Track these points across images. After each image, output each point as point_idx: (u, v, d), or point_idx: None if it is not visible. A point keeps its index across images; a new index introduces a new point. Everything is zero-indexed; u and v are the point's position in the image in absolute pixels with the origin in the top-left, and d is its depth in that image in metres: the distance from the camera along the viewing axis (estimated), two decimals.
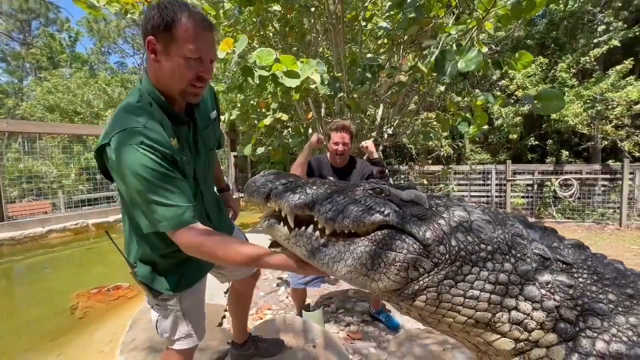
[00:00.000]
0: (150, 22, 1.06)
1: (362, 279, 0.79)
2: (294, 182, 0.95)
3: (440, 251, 0.75)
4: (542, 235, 0.81)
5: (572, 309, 0.73)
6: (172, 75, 1.10)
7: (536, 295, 0.73)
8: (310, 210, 0.87)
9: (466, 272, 0.75)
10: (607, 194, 7.89)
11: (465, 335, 0.81)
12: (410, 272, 0.76)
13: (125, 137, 1.04)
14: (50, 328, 3.27)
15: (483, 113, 3.48)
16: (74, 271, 5.16)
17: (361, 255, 0.79)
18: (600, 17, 8.68)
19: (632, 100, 7.64)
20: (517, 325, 0.74)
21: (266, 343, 2.09)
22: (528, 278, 0.74)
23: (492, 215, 0.82)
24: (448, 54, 2.49)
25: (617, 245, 6.14)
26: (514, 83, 8.75)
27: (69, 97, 11.95)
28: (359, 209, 0.82)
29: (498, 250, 0.76)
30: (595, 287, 0.75)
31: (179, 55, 1.07)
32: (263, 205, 0.97)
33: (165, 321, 1.38)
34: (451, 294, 0.75)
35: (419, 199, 0.84)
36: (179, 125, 1.22)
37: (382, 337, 2.70)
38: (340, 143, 2.48)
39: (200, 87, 1.15)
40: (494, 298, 0.74)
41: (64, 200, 7.63)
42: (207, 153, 1.38)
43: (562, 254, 0.78)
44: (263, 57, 2.78)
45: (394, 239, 0.77)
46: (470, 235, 0.77)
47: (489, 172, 8.67)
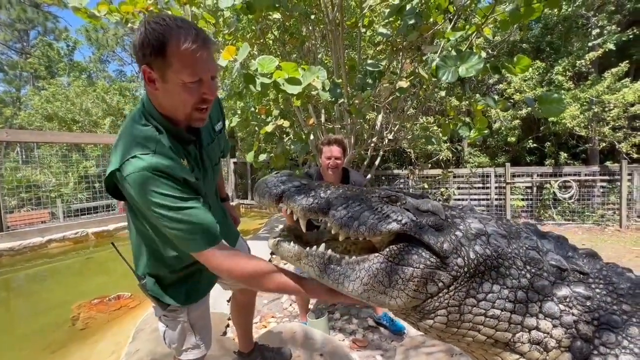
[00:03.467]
0: (140, 49, 0.99)
1: (379, 297, 0.77)
2: (307, 185, 0.92)
3: (458, 264, 0.74)
4: (557, 245, 0.81)
5: (589, 324, 0.72)
6: (173, 103, 1.06)
7: (555, 311, 0.72)
8: (324, 215, 0.84)
9: (486, 289, 0.74)
10: (606, 196, 7.92)
11: (483, 353, 0.79)
12: (429, 287, 0.74)
13: (135, 164, 1.00)
14: (51, 340, 3.23)
15: (483, 117, 3.50)
16: (74, 281, 5.11)
17: (377, 273, 0.77)
18: (594, 20, 8.79)
19: (628, 102, 7.71)
20: (537, 345, 0.73)
21: (272, 352, 2.07)
22: (546, 294, 0.73)
23: (506, 227, 0.81)
24: (449, 60, 2.51)
25: (618, 247, 6.14)
26: (511, 87, 8.81)
27: (68, 105, 11.94)
28: (375, 217, 0.80)
29: (514, 266, 0.75)
30: (610, 297, 0.74)
31: (177, 81, 1.00)
32: (274, 207, 0.94)
33: (173, 332, 1.37)
34: (473, 313, 0.74)
35: (435, 209, 0.82)
36: (186, 145, 1.19)
37: (387, 345, 2.68)
38: (333, 157, 2.47)
39: (205, 110, 1.10)
40: (515, 318, 0.73)
41: (63, 209, 7.58)
42: (212, 167, 1.36)
43: (578, 263, 0.77)
44: (265, 65, 2.80)
45: (410, 253, 0.76)
46: (488, 248, 0.76)
47: (488, 175, 8.69)
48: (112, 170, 1.04)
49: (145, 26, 0.98)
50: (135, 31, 1.05)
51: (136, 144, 1.04)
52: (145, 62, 1.00)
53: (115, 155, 1.06)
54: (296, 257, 0.90)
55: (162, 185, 0.99)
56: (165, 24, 0.97)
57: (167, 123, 1.11)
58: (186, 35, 0.97)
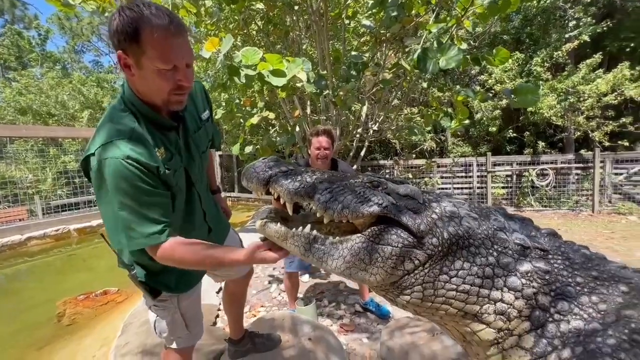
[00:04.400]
0: (115, 35, 0.99)
1: (360, 274, 0.83)
2: (294, 170, 0.96)
3: (433, 243, 0.81)
4: (522, 225, 0.89)
5: (547, 295, 0.80)
6: (150, 88, 1.07)
7: (518, 285, 0.80)
8: (310, 199, 0.88)
9: (458, 267, 0.81)
10: (581, 182, 8.29)
11: (455, 324, 0.87)
12: (406, 265, 0.81)
13: (110, 150, 1.01)
14: (37, 337, 3.20)
15: (464, 108, 3.60)
16: (57, 278, 5.02)
17: (359, 251, 0.83)
18: (571, 12, 9.04)
19: (602, 92, 8.04)
20: (501, 315, 0.80)
21: (262, 338, 2.13)
22: (510, 270, 0.81)
23: (477, 209, 0.88)
24: (430, 52, 2.57)
25: (590, 231, 6.48)
26: (492, 78, 9.02)
27: (42, 98, 11.43)
28: (357, 200, 0.84)
29: (483, 245, 0.82)
30: (566, 271, 0.82)
31: (152, 68, 1.01)
32: (261, 191, 0.97)
33: (163, 321, 1.40)
34: (446, 288, 0.81)
35: (413, 194, 0.88)
36: (166, 132, 1.19)
37: (374, 328, 2.79)
38: (322, 148, 2.52)
39: (183, 95, 1.12)
40: (483, 292, 0.80)
41: (42, 206, 7.35)
42: (200, 155, 1.36)
43: (540, 241, 0.85)
44: (249, 57, 2.79)
45: (389, 233, 0.82)
46: (460, 229, 0.83)
47: (470, 165, 8.94)
48: (87, 155, 1.05)
49: (119, 12, 0.99)
50: (110, 18, 1.05)
51: (112, 130, 1.06)
52: (120, 48, 1.01)
53: (93, 141, 1.07)
54: (282, 237, 0.93)
55: (132, 175, 1.01)
56: (139, 11, 0.97)
57: (146, 109, 1.12)
58: (160, 22, 0.98)
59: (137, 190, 1.02)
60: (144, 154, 1.04)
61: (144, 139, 1.08)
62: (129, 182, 1.00)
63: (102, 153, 1.01)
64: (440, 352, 2.06)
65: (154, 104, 1.12)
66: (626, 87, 7.93)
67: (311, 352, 2.13)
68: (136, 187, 1.01)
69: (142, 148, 1.05)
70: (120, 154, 1.00)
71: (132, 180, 1.01)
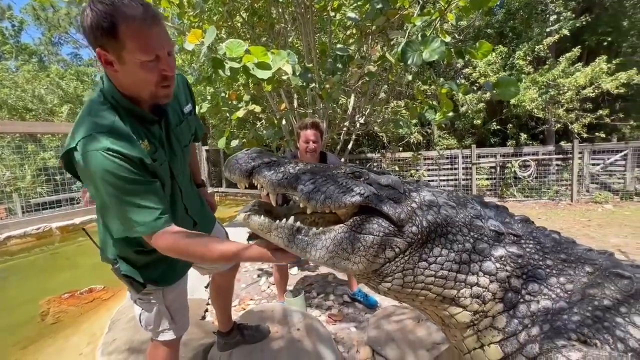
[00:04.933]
0: (91, 31, 0.95)
1: (343, 263, 0.85)
2: (277, 161, 0.97)
3: (413, 232, 0.84)
4: (497, 212, 0.93)
5: (519, 277, 0.85)
6: (135, 82, 1.05)
7: (492, 269, 0.84)
8: (293, 190, 0.89)
9: (437, 253, 0.84)
10: (561, 173, 8.59)
11: (434, 309, 0.91)
12: (387, 253, 0.84)
13: (91, 143, 1.00)
14: (21, 336, 3.13)
15: (448, 101, 3.66)
16: (40, 277, 4.90)
17: (341, 241, 0.85)
18: (552, 7, 9.24)
19: (580, 85, 8.29)
20: (477, 298, 0.85)
21: (251, 330, 2.16)
22: (485, 255, 0.85)
23: (455, 199, 0.92)
24: (413, 45, 2.60)
25: (569, 219, 6.74)
26: (476, 71, 9.16)
27: (18, 92, 10.97)
28: (340, 191, 0.86)
29: (460, 232, 0.86)
30: (537, 255, 0.87)
31: (134, 61, 0.99)
32: (245, 182, 0.97)
33: (149, 314, 1.40)
34: (425, 274, 0.84)
35: (394, 184, 0.91)
36: (148, 125, 1.18)
37: (362, 317, 2.86)
38: (310, 141, 2.53)
39: (168, 86, 1.10)
40: (460, 277, 0.84)
41: (21, 204, 7.12)
42: (182, 149, 1.35)
43: (513, 227, 0.90)
44: (233, 49, 2.76)
45: (371, 223, 0.85)
46: (439, 218, 0.86)
47: (455, 157, 9.11)
48: (69, 149, 1.04)
49: (90, 7, 0.94)
50: (81, 13, 1.00)
51: (93, 123, 1.04)
52: (98, 45, 0.98)
53: (73, 135, 1.05)
54: (266, 229, 0.93)
55: (115, 166, 1.00)
56: (111, 3, 0.93)
57: (127, 102, 1.10)
58: (135, 13, 0.95)
59: (123, 180, 1.01)
60: (125, 145, 1.03)
61: (124, 132, 1.07)
62: (113, 173, 1.00)
63: (84, 146, 1.00)
64: (425, 337, 2.14)
65: (138, 97, 1.11)
66: (603, 81, 8.20)
67: (300, 341, 2.17)
68: (121, 177, 1.01)
69: (123, 140, 1.04)
70: (101, 147, 0.99)
71: (116, 171, 1.00)
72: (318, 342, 2.20)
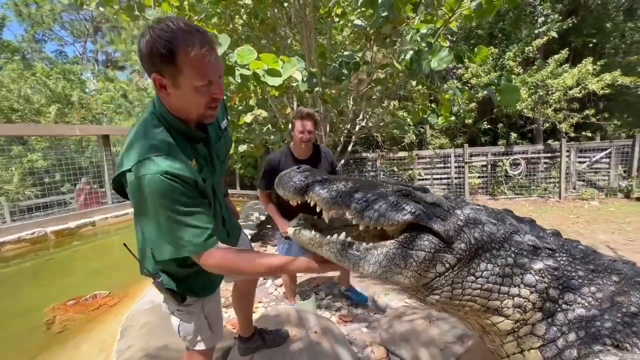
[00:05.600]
0: (149, 57, 1.01)
1: (396, 277, 0.92)
2: (328, 179, 1.02)
3: (462, 248, 0.91)
4: (531, 227, 1.02)
5: (556, 288, 0.93)
6: (187, 105, 1.10)
7: (533, 281, 0.92)
8: (347, 207, 0.95)
9: (483, 268, 0.92)
10: (549, 171, 8.87)
11: (477, 318, 0.98)
12: (438, 268, 0.91)
13: (148, 166, 1.03)
14: (28, 346, 3.09)
15: (447, 104, 3.78)
16: (38, 285, 4.81)
17: (394, 256, 0.91)
18: (540, 9, 9.49)
19: (568, 86, 8.57)
20: (518, 308, 0.92)
21: (271, 334, 2.21)
22: (526, 268, 0.93)
23: (494, 215, 1.00)
24: (422, 54, 2.68)
25: (558, 216, 7.00)
26: (468, 72, 9.35)
27: (3, 92, 10.62)
28: (392, 209, 0.92)
29: (502, 248, 0.94)
30: (570, 266, 0.96)
31: (189, 86, 1.04)
32: (298, 200, 1.03)
33: (188, 325, 1.44)
34: (472, 287, 0.92)
35: (440, 202, 0.98)
36: (195, 144, 1.22)
37: (371, 318, 2.95)
38: (305, 131, 2.53)
39: (216, 108, 1.16)
40: (503, 289, 0.92)
41: (9, 208, 6.94)
42: (220, 164, 1.40)
43: (547, 241, 0.98)
44: (244, 56, 2.79)
45: (422, 240, 0.91)
46: (484, 235, 0.93)
47: (448, 156, 9.31)
48: (124, 171, 1.07)
49: (150, 34, 0.99)
50: (139, 38, 1.04)
51: (149, 146, 1.07)
52: (155, 70, 1.02)
53: (127, 156, 1.08)
54: (317, 244, 0.98)
55: (172, 189, 1.03)
56: (170, 30, 0.98)
57: (178, 123, 1.15)
58: (194, 41, 0.99)
59: (178, 203, 1.04)
60: (182, 168, 1.07)
61: (179, 154, 1.10)
62: (169, 196, 1.03)
63: (140, 169, 1.03)
64: (437, 336, 2.23)
65: (187, 118, 1.15)
66: (589, 82, 8.50)
67: (318, 343, 2.24)
68: (177, 200, 1.04)
69: (179, 162, 1.07)
70: (158, 170, 1.02)
71: (172, 194, 1.03)
72: (335, 343, 2.27)
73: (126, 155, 1.09)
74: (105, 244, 6.70)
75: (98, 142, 7.94)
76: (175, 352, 2.33)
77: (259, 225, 6.01)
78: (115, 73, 16.29)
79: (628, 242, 5.11)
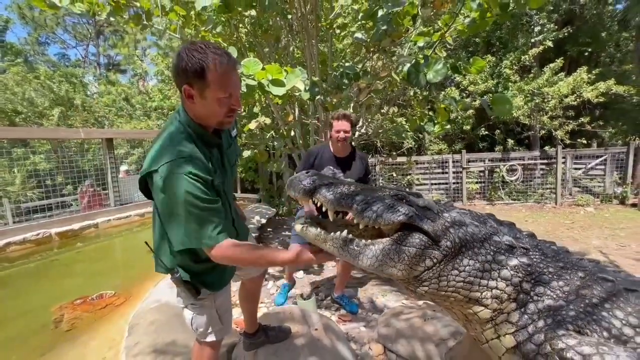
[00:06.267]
0: (183, 72, 1.19)
1: (390, 270, 1.07)
2: (334, 183, 1.19)
3: (447, 246, 1.06)
4: (509, 229, 1.16)
5: (529, 282, 1.08)
6: (209, 113, 1.29)
7: (508, 276, 1.07)
8: (349, 208, 1.11)
9: (465, 263, 1.07)
10: (545, 177, 9.04)
11: (460, 308, 1.13)
12: (427, 262, 1.05)
13: (176, 167, 1.20)
14: (35, 344, 3.18)
15: (444, 112, 3.93)
16: (43, 284, 4.91)
17: (389, 251, 1.07)
18: (536, 18, 9.72)
19: (563, 94, 8.77)
20: (496, 299, 1.07)
21: (274, 331, 2.34)
22: (502, 264, 1.07)
23: (477, 218, 1.14)
24: (418, 67, 2.84)
25: (554, 221, 7.14)
26: (466, 79, 9.55)
27: (7, 95, 10.77)
28: (388, 210, 1.08)
29: (483, 247, 1.08)
30: (542, 264, 1.10)
31: (214, 97, 1.23)
32: (306, 201, 1.19)
33: (201, 317, 1.57)
34: (456, 280, 1.06)
35: (430, 205, 1.13)
36: (211, 149, 1.40)
37: (370, 317, 3.07)
38: (342, 130, 2.79)
39: (232, 116, 1.35)
40: (483, 282, 1.07)
41: (11, 209, 7.06)
42: (230, 168, 1.56)
43: (523, 241, 1.13)
44: (250, 67, 2.94)
45: (413, 238, 1.06)
46: (467, 235, 1.08)
47: (446, 162, 9.47)
48: (150, 171, 1.23)
49: (186, 53, 1.19)
50: (176, 56, 1.25)
51: (176, 150, 1.25)
52: (186, 82, 1.21)
53: (155, 158, 1.25)
54: (322, 240, 1.15)
55: (196, 188, 1.21)
56: (204, 51, 1.18)
57: (200, 130, 1.34)
58: (221, 61, 1.19)
59: (200, 200, 1.21)
60: (202, 169, 1.25)
61: (201, 158, 1.29)
62: (193, 194, 1.20)
63: (169, 170, 1.20)
64: (433, 333, 2.36)
65: (207, 124, 1.34)
66: (584, 90, 8.70)
67: (319, 340, 2.36)
68: (199, 197, 1.21)
69: (201, 164, 1.26)
70: (185, 171, 1.20)
71: (195, 192, 1.20)
72: (335, 340, 2.40)
73: (154, 158, 1.25)
74: (108, 245, 6.80)
75: (102, 145, 8.08)
76: (182, 348, 2.45)
77: (260, 229, 6.13)
78: (117, 76, 16.48)
79: (620, 247, 5.25)
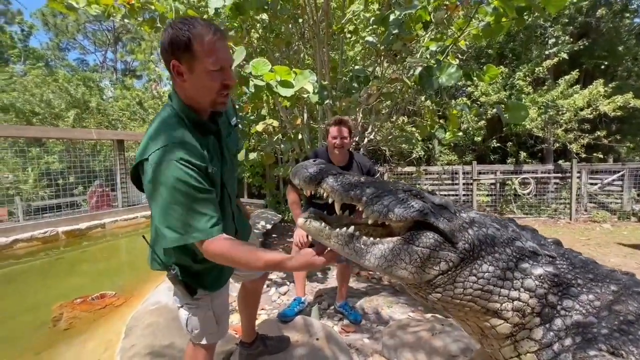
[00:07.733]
0: (170, 46, 1.13)
1: (399, 272, 0.95)
2: (343, 174, 1.08)
3: (465, 248, 0.95)
4: (533, 235, 1.05)
5: (555, 294, 0.96)
6: (200, 90, 1.19)
7: (533, 286, 0.95)
8: (358, 200, 1.00)
9: (485, 269, 0.95)
10: (559, 191, 8.77)
11: (476, 320, 1.01)
12: (441, 265, 0.94)
13: (166, 154, 1.12)
14: (34, 342, 3.13)
15: (455, 119, 3.84)
16: (48, 282, 4.90)
17: (399, 251, 0.95)
18: (551, 31, 9.60)
19: (578, 106, 8.57)
20: (517, 312, 0.95)
21: (273, 340, 2.23)
22: (526, 273, 0.96)
23: (498, 221, 1.03)
24: (431, 70, 2.76)
25: (569, 237, 6.87)
26: (478, 90, 9.43)
27: (26, 96, 11.07)
28: (401, 205, 0.97)
29: (504, 252, 0.97)
30: (570, 274, 0.98)
31: (203, 70, 1.14)
32: (312, 189, 1.08)
33: (196, 319, 1.47)
34: (473, 288, 0.95)
35: (447, 204, 1.03)
36: (206, 136, 1.31)
37: (374, 329, 2.93)
38: (339, 137, 2.58)
39: (227, 95, 1.25)
40: (503, 292, 0.95)
41: (23, 207, 7.15)
42: (231, 159, 1.47)
43: (549, 249, 1.01)
44: (259, 68, 2.91)
45: (427, 237, 0.95)
46: (487, 237, 0.97)
47: (456, 173, 9.29)
48: (141, 160, 1.15)
49: (172, 27, 1.14)
50: (163, 32, 1.19)
51: (166, 135, 1.17)
52: (174, 57, 1.14)
53: (145, 146, 1.17)
54: (326, 235, 1.03)
55: (187, 175, 1.11)
56: (189, 23, 1.12)
57: (193, 114, 1.24)
58: (207, 30, 1.12)
59: (191, 188, 1.12)
60: (195, 156, 1.16)
61: (193, 143, 1.20)
62: (184, 181, 1.11)
63: (159, 156, 1.12)
64: (441, 349, 2.22)
65: (199, 106, 1.25)
66: (600, 103, 8.49)
67: (320, 350, 2.24)
68: (190, 185, 1.12)
69: (192, 151, 1.16)
70: (175, 157, 1.11)
71: (187, 179, 1.11)
72: (337, 351, 2.27)
73: (144, 146, 1.18)
74: (113, 245, 6.81)
75: (113, 146, 8.18)
76: (179, 352, 2.36)
77: (265, 234, 6.06)
78: (133, 81, 16.86)
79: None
